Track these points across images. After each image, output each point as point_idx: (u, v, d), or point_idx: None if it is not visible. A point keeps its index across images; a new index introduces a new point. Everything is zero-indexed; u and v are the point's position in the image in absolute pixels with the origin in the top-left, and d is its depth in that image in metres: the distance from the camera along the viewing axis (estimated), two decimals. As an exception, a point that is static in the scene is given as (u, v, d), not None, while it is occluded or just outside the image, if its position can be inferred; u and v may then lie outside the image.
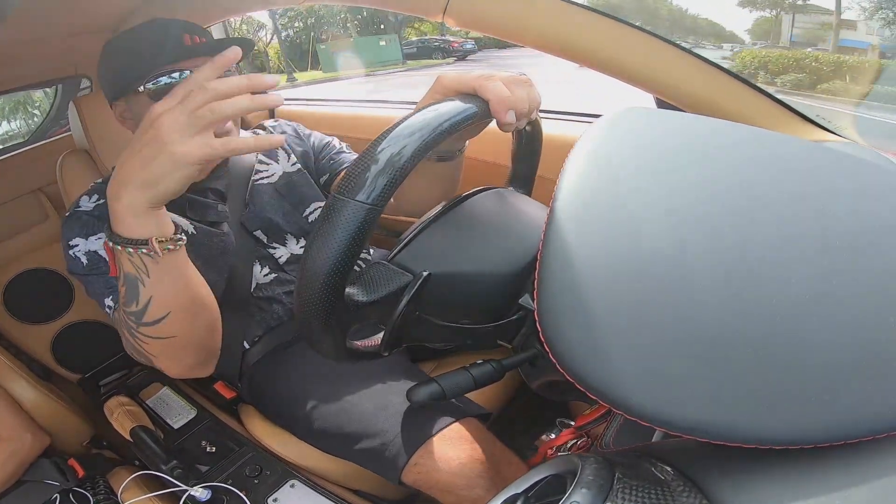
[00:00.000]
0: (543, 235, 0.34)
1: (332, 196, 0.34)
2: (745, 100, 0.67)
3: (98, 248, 0.71)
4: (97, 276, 0.70)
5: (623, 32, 0.65)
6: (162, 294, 0.53)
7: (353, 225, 0.33)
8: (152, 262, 0.51)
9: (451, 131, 0.37)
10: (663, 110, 0.67)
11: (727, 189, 0.34)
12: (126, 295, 0.54)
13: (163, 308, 0.54)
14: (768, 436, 0.27)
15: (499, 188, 0.53)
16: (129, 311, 0.55)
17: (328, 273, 0.34)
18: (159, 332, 0.56)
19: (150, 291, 0.53)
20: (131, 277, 0.52)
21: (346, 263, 0.34)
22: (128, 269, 0.51)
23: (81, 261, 0.71)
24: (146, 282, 0.52)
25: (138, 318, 0.55)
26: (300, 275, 0.35)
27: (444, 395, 0.43)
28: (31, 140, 1.54)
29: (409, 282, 0.40)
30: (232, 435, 0.91)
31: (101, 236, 0.72)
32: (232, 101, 0.45)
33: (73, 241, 0.72)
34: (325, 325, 0.37)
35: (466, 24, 0.70)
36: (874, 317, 0.29)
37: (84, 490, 0.86)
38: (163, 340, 0.57)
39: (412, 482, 0.67)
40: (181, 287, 0.55)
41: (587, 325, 0.30)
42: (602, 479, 0.28)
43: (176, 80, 0.72)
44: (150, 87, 0.72)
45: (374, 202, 0.34)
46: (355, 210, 0.33)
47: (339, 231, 0.33)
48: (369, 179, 0.34)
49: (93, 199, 0.76)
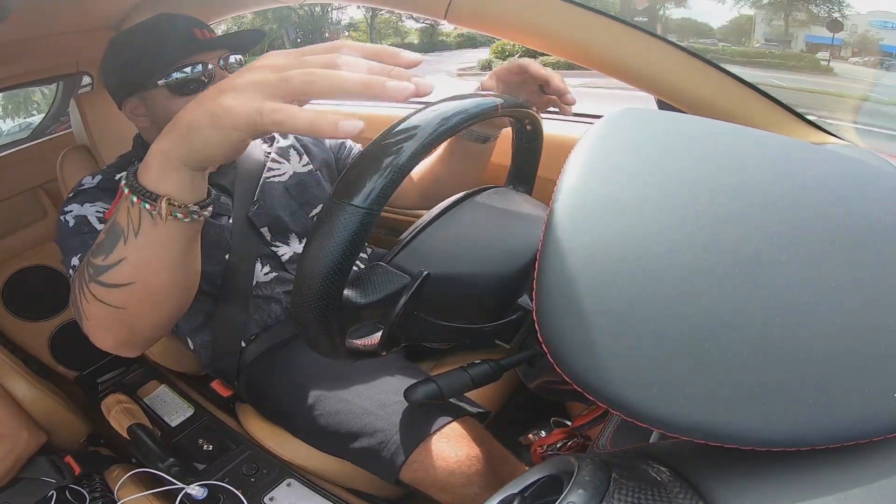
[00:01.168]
0: (542, 236, 0.34)
1: (329, 199, 0.34)
2: (746, 101, 0.67)
3: (89, 213, 0.70)
4: (77, 237, 0.68)
5: (624, 33, 0.65)
6: (137, 261, 0.46)
7: (350, 230, 0.33)
8: (149, 223, 0.44)
9: (449, 133, 0.37)
10: (664, 111, 0.67)
11: (727, 191, 0.34)
12: (101, 244, 0.48)
13: (128, 276, 0.47)
14: (766, 438, 0.27)
15: (498, 187, 0.53)
16: (94, 261, 0.48)
17: (325, 277, 0.34)
18: (110, 297, 0.49)
19: (127, 252, 0.46)
20: (118, 228, 0.46)
21: (342, 267, 0.34)
22: (120, 218, 0.45)
23: (68, 223, 0.70)
24: (129, 240, 0.45)
25: (97, 273, 0.48)
26: (297, 277, 0.35)
27: (442, 395, 0.43)
28: (31, 137, 1.54)
29: (407, 283, 0.39)
30: (229, 433, 0.91)
31: (96, 205, 0.71)
32: (348, 75, 0.34)
33: (68, 207, 0.72)
34: (322, 327, 0.37)
35: (468, 23, 0.70)
36: (873, 319, 0.29)
37: (80, 488, 0.86)
38: (107, 307, 0.50)
39: (409, 481, 0.68)
40: (162, 265, 0.48)
41: (585, 326, 0.30)
42: (598, 479, 0.28)
43: (201, 72, 0.73)
44: (169, 81, 0.72)
45: (370, 206, 0.33)
46: (351, 214, 0.33)
47: (336, 235, 0.33)
48: (367, 182, 0.33)
49: (96, 178, 0.77)
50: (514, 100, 0.46)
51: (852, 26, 8.59)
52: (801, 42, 9.25)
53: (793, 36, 9.42)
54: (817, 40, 9.13)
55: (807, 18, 9.84)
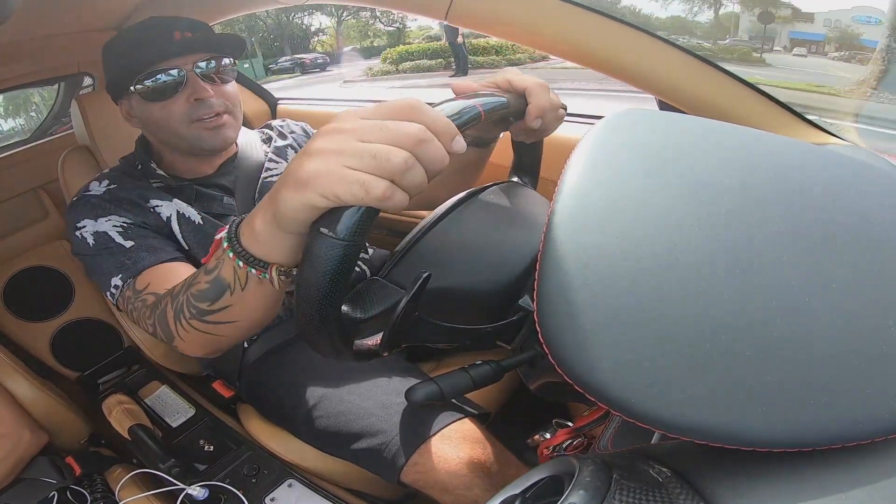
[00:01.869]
0: (544, 237, 0.34)
1: (314, 229, 0.33)
2: (747, 102, 0.67)
3: (107, 229, 0.71)
4: (106, 255, 0.70)
5: (625, 33, 0.65)
6: (243, 308, 0.48)
7: (334, 262, 0.32)
8: (255, 281, 0.44)
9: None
10: (665, 112, 0.67)
11: (727, 191, 0.34)
12: (204, 291, 0.49)
13: (234, 316, 0.49)
14: (767, 438, 0.27)
15: (500, 182, 0.52)
16: (198, 305, 0.50)
17: (319, 302, 0.33)
18: (214, 329, 0.51)
19: (233, 301, 0.47)
20: (223, 282, 0.46)
21: (334, 293, 0.33)
22: (225, 273, 0.45)
23: (88, 241, 0.71)
24: (236, 292, 0.46)
25: (202, 315, 0.50)
26: (296, 296, 0.35)
27: (443, 396, 0.43)
28: (33, 138, 1.54)
29: (404, 297, 0.39)
30: (230, 434, 0.91)
31: (111, 219, 0.72)
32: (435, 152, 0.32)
33: (81, 222, 0.72)
34: (324, 338, 0.37)
35: (469, 24, 0.70)
36: (873, 319, 0.29)
37: (81, 488, 0.86)
38: (207, 336, 0.52)
39: (411, 482, 0.68)
40: (266, 306, 0.48)
41: (586, 327, 0.30)
42: (599, 480, 0.28)
43: (173, 78, 0.73)
44: (139, 88, 0.74)
45: (350, 238, 0.31)
46: (333, 247, 0.32)
47: (321, 267, 0.32)
48: (346, 214, 0.31)
49: (103, 184, 0.78)
50: (498, 101, 0.43)
51: (836, 21, 8.68)
52: (784, 38, 9.37)
53: (777, 32, 9.56)
54: (801, 36, 9.22)
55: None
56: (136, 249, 0.69)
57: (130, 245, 0.70)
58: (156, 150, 0.84)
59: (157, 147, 0.83)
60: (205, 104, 0.75)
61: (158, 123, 0.76)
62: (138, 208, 0.76)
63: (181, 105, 0.75)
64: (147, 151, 0.83)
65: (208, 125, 0.76)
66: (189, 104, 0.75)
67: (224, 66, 0.78)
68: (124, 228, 0.72)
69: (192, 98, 0.74)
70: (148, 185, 0.80)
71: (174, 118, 0.75)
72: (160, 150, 0.83)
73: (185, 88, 0.74)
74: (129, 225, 0.73)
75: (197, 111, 0.75)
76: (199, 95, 0.74)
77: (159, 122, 0.76)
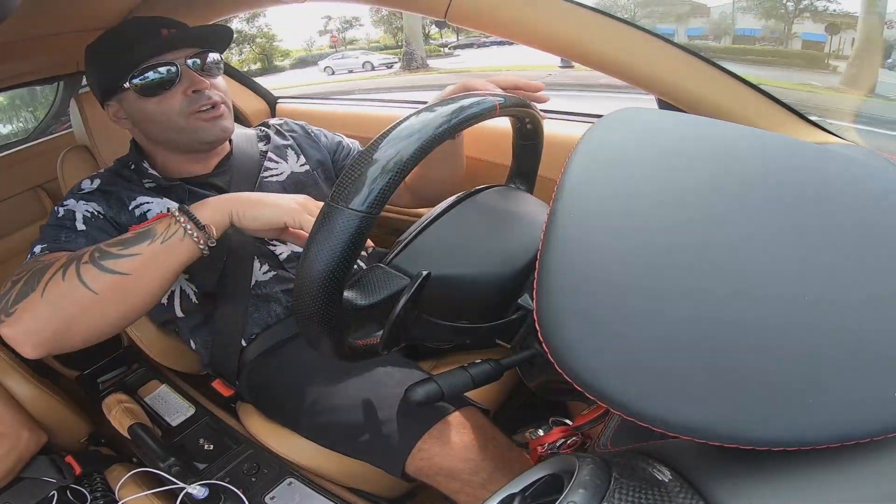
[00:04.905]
0: (543, 235, 0.34)
1: (327, 203, 0.34)
2: (746, 101, 0.67)
3: (79, 210, 0.74)
4: (57, 228, 0.72)
5: (625, 32, 0.65)
6: (146, 259, 0.59)
7: (348, 233, 0.33)
8: (178, 238, 0.59)
9: (445, 135, 0.37)
10: (665, 111, 0.67)
11: (727, 190, 0.34)
12: (125, 238, 0.60)
13: (129, 268, 0.58)
14: (766, 437, 0.27)
15: (499, 186, 0.53)
16: (107, 248, 0.59)
17: (324, 279, 0.34)
18: (95, 281, 0.58)
19: (144, 250, 0.59)
20: (151, 231, 0.59)
21: (342, 270, 0.34)
22: (159, 227, 0.60)
23: (57, 213, 0.74)
24: (154, 243, 0.59)
25: (103, 257, 0.58)
26: (298, 279, 0.35)
27: (443, 395, 0.43)
28: (32, 137, 1.54)
29: (407, 285, 0.40)
30: (230, 433, 0.91)
31: (90, 205, 0.75)
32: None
33: (66, 201, 0.75)
34: (323, 328, 0.37)
35: (468, 23, 0.70)
36: (874, 319, 0.29)
37: (81, 487, 0.86)
38: (75, 289, 0.58)
39: (416, 471, 0.67)
40: (160, 280, 0.61)
41: (586, 326, 0.30)
42: (599, 479, 0.28)
43: (169, 72, 0.75)
44: (135, 84, 0.75)
45: (368, 210, 0.33)
46: (349, 218, 0.33)
47: (334, 239, 0.33)
48: (364, 186, 0.33)
49: (94, 182, 0.80)
50: (514, 98, 0.46)
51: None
52: (796, 41, 9.41)
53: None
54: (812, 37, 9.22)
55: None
56: (80, 234, 0.72)
57: (82, 229, 0.72)
58: (148, 152, 0.85)
59: (150, 148, 0.84)
60: (202, 95, 0.77)
61: (155, 119, 0.78)
62: (120, 205, 0.78)
63: (179, 98, 0.77)
64: (140, 153, 0.84)
65: (206, 116, 0.78)
66: (186, 97, 0.77)
67: (213, 60, 0.80)
68: (92, 216, 0.74)
69: (190, 90, 0.76)
70: (140, 185, 0.81)
71: (173, 111, 0.77)
72: (153, 151, 0.84)
73: (182, 81, 0.76)
74: (99, 215, 0.75)
75: (195, 103, 0.77)
76: (197, 87, 0.77)
77: (156, 117, 0.77)
